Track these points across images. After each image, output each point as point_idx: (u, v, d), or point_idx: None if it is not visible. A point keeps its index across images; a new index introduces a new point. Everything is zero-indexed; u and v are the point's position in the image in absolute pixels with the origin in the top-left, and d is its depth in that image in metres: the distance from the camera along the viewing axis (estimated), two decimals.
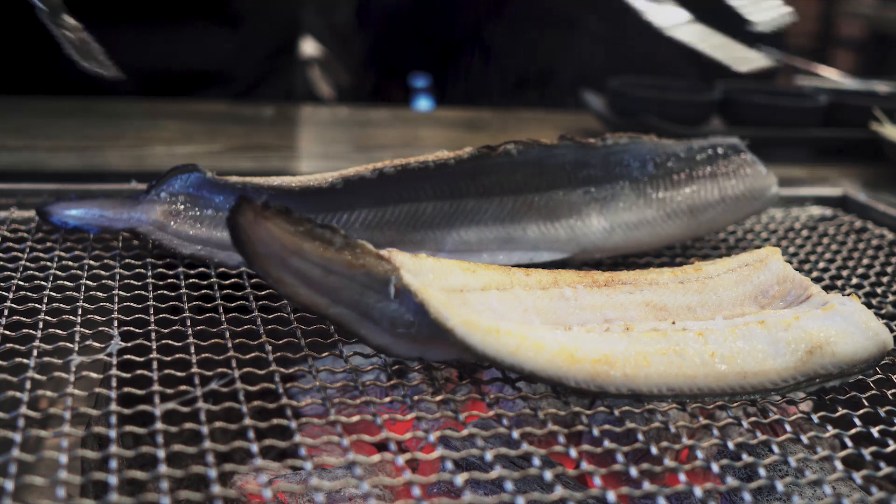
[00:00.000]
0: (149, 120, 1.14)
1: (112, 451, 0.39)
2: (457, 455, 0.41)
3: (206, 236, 0.62)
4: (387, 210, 0.63)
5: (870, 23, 3.52)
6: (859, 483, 0.42)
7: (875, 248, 0.76)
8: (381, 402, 0.47)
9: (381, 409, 0.56)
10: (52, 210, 0.63)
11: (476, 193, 0.65)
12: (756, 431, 0.46)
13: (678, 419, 0.55)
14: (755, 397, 0.47)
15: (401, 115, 1.35)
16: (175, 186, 0.63)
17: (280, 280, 0.45)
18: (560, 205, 0.66)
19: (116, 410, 0.43)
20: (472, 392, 0.48)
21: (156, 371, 0.46)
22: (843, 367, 0.48)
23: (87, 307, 0.54)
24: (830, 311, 0.50)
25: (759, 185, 0.70)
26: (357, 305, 0.46)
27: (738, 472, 0.51)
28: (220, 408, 0.43)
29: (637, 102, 1.13)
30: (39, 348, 0.48)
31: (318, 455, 0.56)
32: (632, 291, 0.52)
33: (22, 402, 0.43)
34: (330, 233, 0.45)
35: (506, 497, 0.38)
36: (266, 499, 0.37)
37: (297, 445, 0.41)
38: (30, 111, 1.14)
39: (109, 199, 0.64)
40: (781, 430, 0.47)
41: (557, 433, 0.44)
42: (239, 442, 0.41)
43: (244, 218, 0.43)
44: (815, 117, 1.16)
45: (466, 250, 0.65)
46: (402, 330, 0.47)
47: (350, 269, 0.45)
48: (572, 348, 0.45)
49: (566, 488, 0.41)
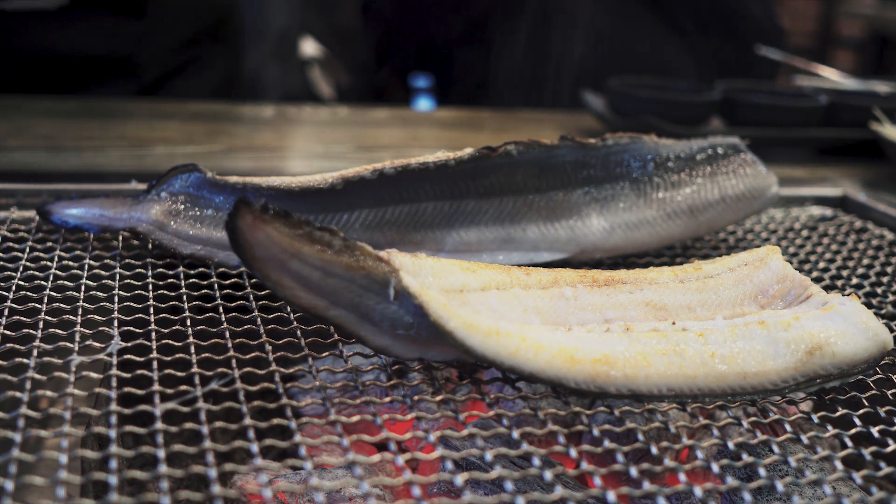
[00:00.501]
0: (149, 120, 1.14)
1: (112, 451, 0.39)
2: (457, 455, 0.41)
3: (205, 236, 0.62)
4: (387, 210, 0.64)
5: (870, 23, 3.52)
6: (859, 483, 0.42)
7: (875, 248, 0.76)
8: (381, 402, 0.47)
9: (381, 408, 0.56)
10: (52, 209, 0.63)
11: (476, 194, 0.65)
12: (756, 431, 0.46)
13: (678, 419, 0.55)
14: (755, 398, 0.47)
15: (401, 115, 1.35)
16: (175, 186, 0.63)
17: (279, 283, 0.45)
18: (560, 205, 0.66)
19: (116, 410, 0.43)
20: (472, 392, 0.48)
21: (156, 371, 0.46)
22: (843, 368, 0.48)
23: (88, 307, 0.54)
24: (830, 312, 0.50)
25: (759, 185, 0.71)
26: (357, 308, 0.46)
27: (738, 472, 0.51)
28: (221, 408, 0.43)
29: (637, 102, 1.13)
30: (40, 348, 0.48)
31: (319, 455, 0.56)
32: (632, 291, 0.52)
33: (22, 402, 0.43)
34: (329, 235, 0.45)
35: (506, 497, 0.38)
36: (266, 499, 0.37)
37: (297, 445, 0.41)
38: (30, 111, 1.14)
39: (110, 198, 0.64)
40: (781, 430, 0.47)
41: (557, 433, 0.44)
42: (239, 442, 0.41)
43: (243, 221, 0.43)
44: (815, 117, 1.16)
45: (466, 250, 0.65)
46: (402, 331, 0.47)
47: (349, 271, 0.45)
48: (572, 349, 0.45)
49: (566, 488, 0.41)
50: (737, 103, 1.16)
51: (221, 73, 1.42)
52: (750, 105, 1.15)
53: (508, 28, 1.56)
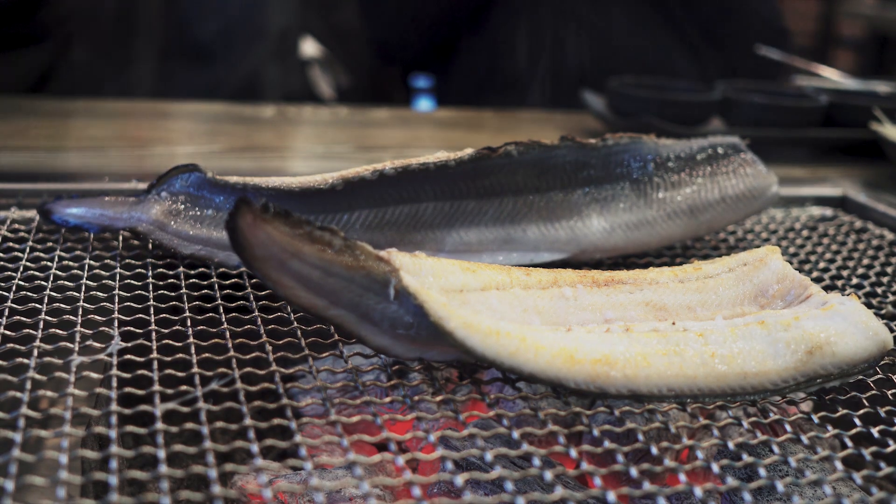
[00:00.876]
0: (149, 120, 1.14)
1: (112, 452, 0.39)
2: (457, 455, 0.41)
3: (206, 236, 0.62)
4: (387, 211, 0.63)
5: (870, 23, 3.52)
6: (859, 483, 0.42)
7: (875, 248, 0.76)
8: (381, 402, 0.47)
9: (382, 409, 0.56)
10: (53, 208, 0.63)
11: (476, 194, 0.65)
12: (756, 431, 0.46)
13: (678, 419, 0.55)
14: (755, 398, 0.47)
15: (401, 115, 1.35)
16: (175, 186, 0.63)
17: (279, 282, 0.45)
18: (560, 205, 0.66)
19: (117, 410, 0.43)
20: (473, 392, 0.48)
21: (156, 371, 0.46)
22: (843, 368, 0.48)
23: (88, 307, 0.54)
24: (830, 311, 0.50)
25: (760, 185, 0.70)
26: (357, 307, 0.46)
27: (738, 472, 0.51)
28: (221, 408, 0.43)
29: (637, 102, 1.13)
30: (40, 348, 0.48)
31: (319, 455, 0.56)
32: (631, 291, 0.52)
33: (22, 403, 0.43)
34: (329, 235, 0.45)
35: (506, 497, 0.38)
36: (266, 499, 0.37)
37: (297, 445, 0.41)
38: (30, 111, 1.14)
39: (110, 198, 0.64)
40: (782, 430, 0.47)
41: (558, 433, 0.44)
42: (239, 442, 0.41)
43: (243, 220, 0.43)
44: (815, 117, 1.16)
45: (466, 251, 0.65)
46: (402, 331, 0.47)
47: (349, 271, 0.45)
48: (572, 349, 0.45)
49: (566, 488, 0.41)
50: (737, 103, 1.16)
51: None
52: (750, 105, 1.15)
53: (509, 27, 1.56)
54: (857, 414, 0.48)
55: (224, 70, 1.45)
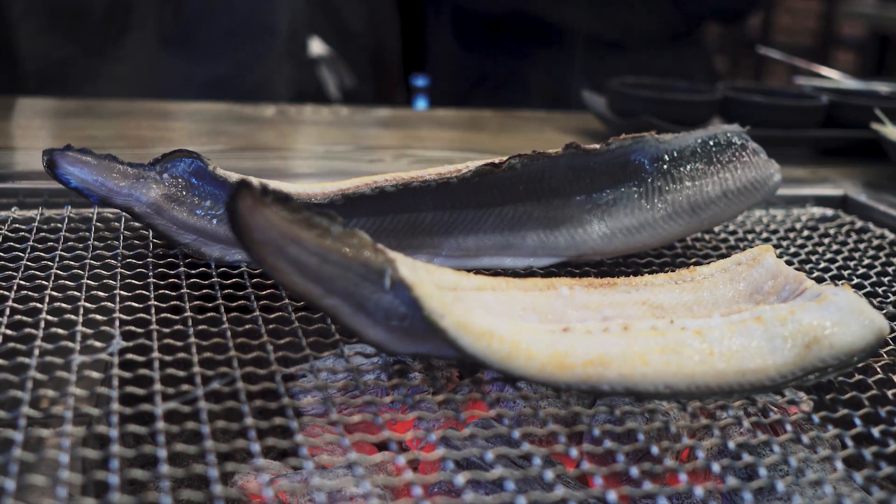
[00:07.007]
0: (149, 120, 1.14)
1: (113, 451, 0.39)
2: (458, 455, 0.41)
3: (201, 226, 0.62)
4: (385, 219, 0.63)
5: (870, 22, 3.52)
6: (860, 483, 0.42)
7: (876, 248, 0.76)
8: (382, 401, 0.47)
9: (382, 408, 0.56)
10: (59, 160, 0.61)
11: (476, 205, 0.64)
12: (757, 431, 0.46)
13: (679, 419, 0.55)
14: (755, 395, 0.47)
15: (401, 115, 1.35)
16: (178, 169, 0.63)
17: (276, 268, 0.44)
18: (560, 212, 0.66)
19: (118, 410, 0.43)
20: (473, 392, 0.48)
21: (157, 370, 0.46)
22: (841, 358, 0.48)
23: (89, 307, 0.54)
24: (824, 302, 0.49)
25: (762, 174, 0.70)
26: (352, 297, 0.46)
27: (738, 471, 0.51)
28: (222, 407, 0.43)
29: (637, 102, 1.13)
30: (41, 348, 0.48)
31: (319, 455, 0.56)
32: (629, 291, 0.52)
33: (23, 402, 0.43)
34: (328, 221, 0.44)
35: (506, 497, 0.38)
36: (267, 498, 0.37)
37: (298, 445, 0.41)
38: (30, 111, 1.14)
39: (115, 164, 0.62)
40: (782, 430, 0.47)
41: (558, 433, 0.44)
42: (240, 441, 0.41)
43: (243, 203, 0.43)
44: (815, 117, 1.16)
45: (464, 256, 0.65)
46: (396, 323, 0.46)
47: (346, 258, 0.45)
48: (564, 353, 0.45)
49: (567, 488, 0.41)
50: (737, 103, 1.15)
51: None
52: (750, 105, 1.15)
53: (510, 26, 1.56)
54: (858, 414, 0.48)
55: (236, 68, 1.45)
